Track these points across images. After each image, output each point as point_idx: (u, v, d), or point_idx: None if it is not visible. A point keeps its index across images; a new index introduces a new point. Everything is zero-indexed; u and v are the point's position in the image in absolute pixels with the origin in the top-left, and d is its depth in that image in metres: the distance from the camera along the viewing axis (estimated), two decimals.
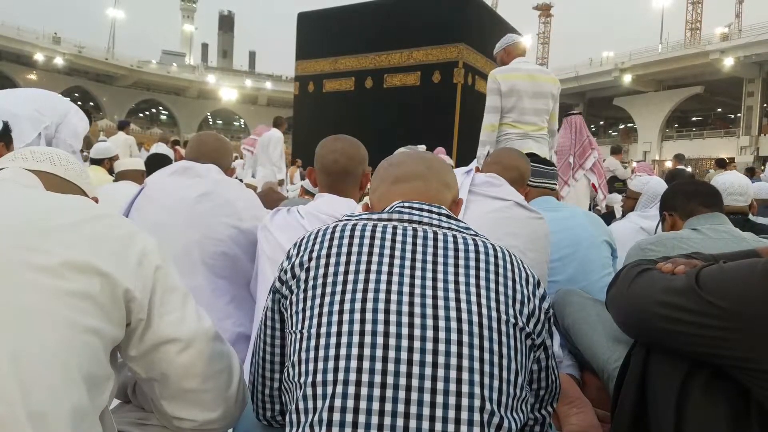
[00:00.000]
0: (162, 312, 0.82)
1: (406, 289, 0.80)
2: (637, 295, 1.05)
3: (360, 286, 0.81)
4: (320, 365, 0.76)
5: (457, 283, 0.82)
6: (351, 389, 0.73)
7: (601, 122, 43.19)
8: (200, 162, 1.71)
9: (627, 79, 31.26)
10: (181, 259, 1.48)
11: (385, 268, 0.82)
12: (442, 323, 0.77)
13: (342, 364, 0.75)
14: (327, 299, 0.81)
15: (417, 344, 0.76)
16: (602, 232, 2.10)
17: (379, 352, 0.75)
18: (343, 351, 0.76)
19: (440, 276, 0.83)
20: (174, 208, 1.57)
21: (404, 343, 0.76)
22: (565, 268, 1.94)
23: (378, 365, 0.74)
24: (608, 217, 4.73)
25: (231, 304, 1.56)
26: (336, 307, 0.80)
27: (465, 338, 0.76)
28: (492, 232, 1.04)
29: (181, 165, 1.69)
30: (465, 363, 0.75)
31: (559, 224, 1.90)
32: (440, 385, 0.73)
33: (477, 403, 0.73)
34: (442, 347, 0.75)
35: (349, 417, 0.72)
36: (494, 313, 0.80)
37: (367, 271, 0.82)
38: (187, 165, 1.67)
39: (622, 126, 40.84)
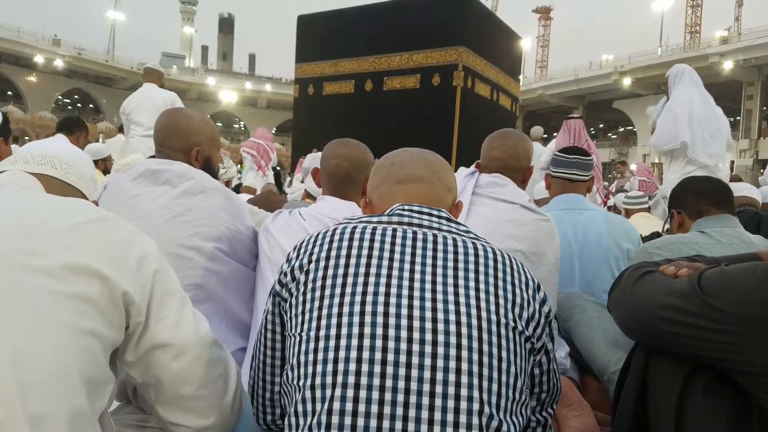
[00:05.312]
0: (159, 316, 0.82)
1: (405, 292, 0.80)
2: (640, 297, 1.04)
3: (359, 288, 0.81)
4: (319, 368, 0.76)
5: (456, 286, 0.82)
6: (350, 392, 0.73)
7: (601, 125, 43.28)
8: (164, 149, 1.46)
9: (626, 82, 31.31)
10: None
11: (384, 271, 0.82)
12: (441, 326, 0.77)
13: (341, 366, 0.75)
14: (326, 302, 0.81)
15: (416, 347, 0.76)
16: (618, 236, 1.98)
17: (378, 355, 0.75)
18: (342, 354, 0.76)
19: (439, 279, 0.83)
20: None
21: (403, 346, 0.76)
22: (570, 270, 1.92)
23: (377, 368, 0.74)
24: None
25: (219, 328, 1.33)
26: (335, 310, 0.80)
27: (464, 342, 0.76)
28: (497, 235, 1.04)
29: (148, 168, 1.38)
30: (464, 366, 0.75)
31: (572, 226, 1.90)
32: (439, 389, 0.73)
33: (476, 406, 0.73)
34: (441, 350, 0.75)
35: (348, 420, 0.72)
36: (493, 317, 0.80)
37: (367, 274, 0.82)
38: (156, 168, 1.38)
39: (622, 129, 40.93)
